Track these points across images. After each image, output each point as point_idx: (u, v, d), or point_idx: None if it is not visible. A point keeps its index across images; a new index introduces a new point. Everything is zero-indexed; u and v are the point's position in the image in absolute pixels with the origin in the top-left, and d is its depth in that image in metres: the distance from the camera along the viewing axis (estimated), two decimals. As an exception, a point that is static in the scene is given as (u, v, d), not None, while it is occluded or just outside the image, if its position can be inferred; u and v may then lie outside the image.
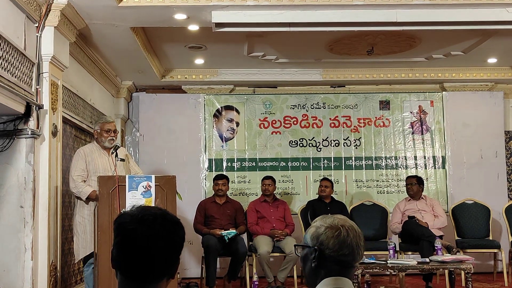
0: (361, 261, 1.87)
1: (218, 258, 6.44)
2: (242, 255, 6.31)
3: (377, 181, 7.93)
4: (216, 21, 5.20)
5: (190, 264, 7.54)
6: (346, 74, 7.95)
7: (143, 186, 4.48)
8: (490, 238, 7.17)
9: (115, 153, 4.98)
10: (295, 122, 8.00)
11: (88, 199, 4.84)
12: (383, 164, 7.96)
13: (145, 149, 7.90)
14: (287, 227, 6.75)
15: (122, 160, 5.10)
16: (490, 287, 6.66)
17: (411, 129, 8.03)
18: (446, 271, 6.10)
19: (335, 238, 1.79)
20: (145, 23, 5.55)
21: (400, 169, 7.95)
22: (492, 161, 8.00)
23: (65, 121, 5.49)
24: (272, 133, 7.96)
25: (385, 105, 8.06)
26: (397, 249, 6.53)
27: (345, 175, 7.92)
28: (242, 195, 7.77)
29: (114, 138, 5.12)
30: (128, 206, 4.22)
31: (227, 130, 7.95)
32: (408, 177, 7.13)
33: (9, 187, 4.50)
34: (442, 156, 8.00)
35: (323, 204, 6.95)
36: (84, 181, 4.90)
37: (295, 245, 1.98)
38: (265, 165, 7.89)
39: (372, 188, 7.91)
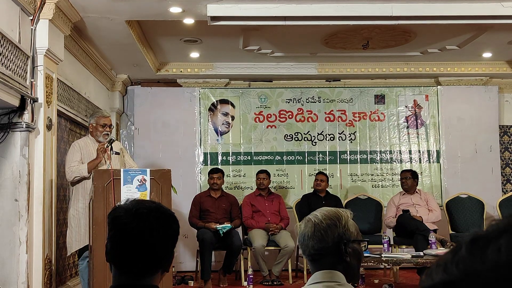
0: (315, 250, 1.81)
1: (213, 252, 6.46)
2: (237, 248, 6.32)
3: (372, 175, 7.95)
4: (212, 15, 5.19)
5: (185, 257, 7.55)
6: (341, 68, 7.95)
7: (138, 180, 4.47)
8: (484, 232, 7.20)
9: (110, 146, 4.99)
10: (290, 116, 8.00)
11: (91, 174, 4.76)
12: (378, 158, 7.98)
13: (140, 143, 7.89)
14: (282, 221, 6.77)
15: (117, 153, 5.10)
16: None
17: (406, 123, 8.05)
18: (440, 265, 6.11)
19: (301, 231, 1.81)
20: (140, 16, 5.54)
21: (394, 163, 7.97)
22: (486, 156, 8.02)
23: (60, 114, 5.48)
24: (267, 127, 7.96)
25: (380, 99, 8.07)
26: (392, 242, 6.56)
27: (340, 169, 7.94)
28: (237, 189, 7.77)
29: (109, 133, 5.11)
30: (123, 199, 4.22)
31: (222, 124, 7.94)
32: (403, 171, 7.15)
33: (3, 180, 4.50)
34: (436, 150, 8.02)
35: (318, 198, 6.97)
36: None
37: None
38: (260, 159, 7.90)
39: (367, 182, 7.93)
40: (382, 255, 5.48)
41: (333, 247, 1.77)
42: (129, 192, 4.43)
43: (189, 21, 5.71)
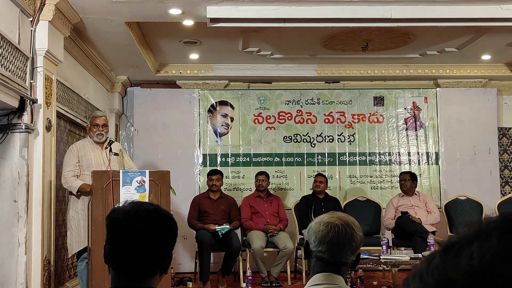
0: (346, 260, 1.83)
1: (212, 253, 6.46)
2: (236, 250, 6.33)
3: (371, 176, 7.95)
4: (211, 16, 5.20)
5: (184, 259, 7.55)
6: (340, 70, 7.95)
7: (137, 181, 4.48)
8: (483, 234, 7.20)
9: (109, 147, 4.99)
10: (289, 118, 8.00)
11: (79, 193, 4.83)
12: (377, 160, 7.98)
13: (139, 144, 7.89)
14: (280, 223, 6.77)
15: (116, 154, 5.10)
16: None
17: (405, 125, 8.05)
18: (439, 267, 6.12)
19: (316, 233, 1.80)
20: (140, 17, 5.54)
21: (393, 165, 7.97)
22: (485, 158, 8.03)
23: (59, 115, 5.48)
24: (266, 129, 7.97)
25: (379, 101, 8.08)
26: (390, 244, 6.56)
27: (339, 170, 7.94)
28: (236, 190, 7.78)
29: (102, 132, 5.08)
30: (122, 201, 4.23)
31: (222, 125, 7.95)
32: (402, 173, 7.16)
33: (2, 181, 4.50)
34: (435, 152, 8.02)
35: (317, 199, 6.97)
36: (77, 176, 4.90)
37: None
38: (259, 160, 7.90)
39: (365, 183, 7.94)
40: (381, 257, 5.49)
41: (357, 259, 1.83)
42: (128, 193, 4.44)
43: (188, 22, 5.72)
